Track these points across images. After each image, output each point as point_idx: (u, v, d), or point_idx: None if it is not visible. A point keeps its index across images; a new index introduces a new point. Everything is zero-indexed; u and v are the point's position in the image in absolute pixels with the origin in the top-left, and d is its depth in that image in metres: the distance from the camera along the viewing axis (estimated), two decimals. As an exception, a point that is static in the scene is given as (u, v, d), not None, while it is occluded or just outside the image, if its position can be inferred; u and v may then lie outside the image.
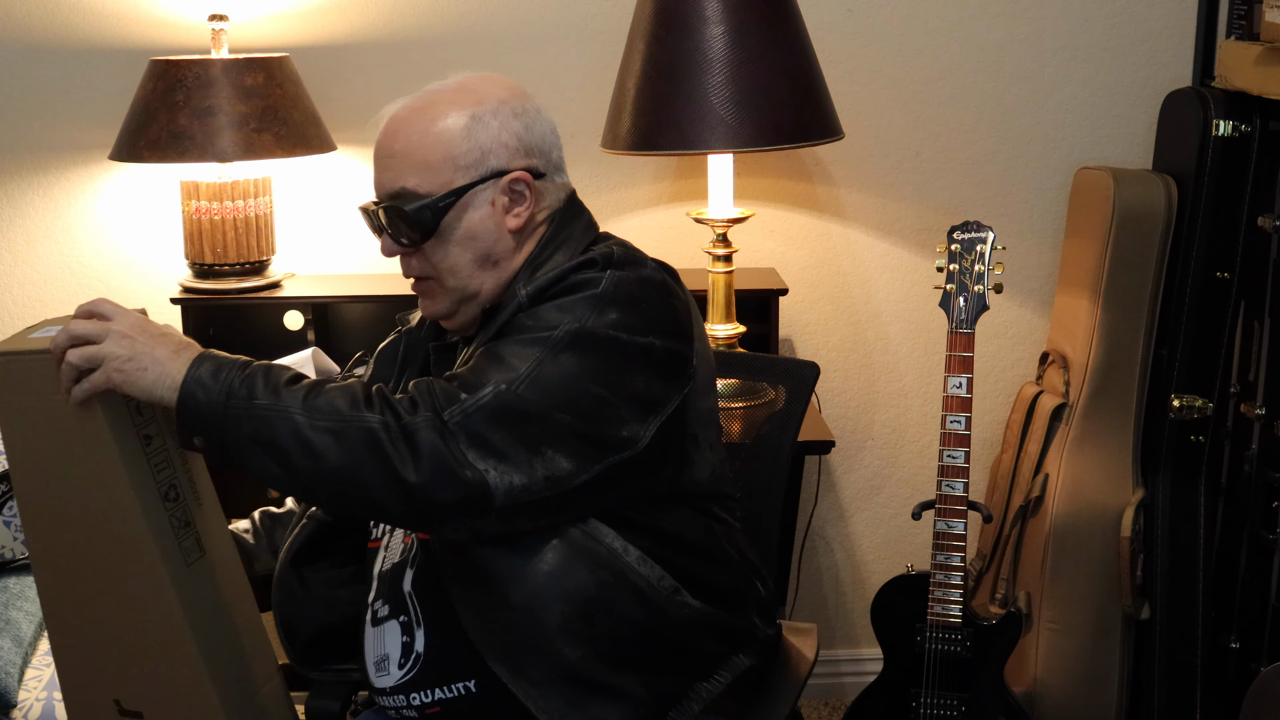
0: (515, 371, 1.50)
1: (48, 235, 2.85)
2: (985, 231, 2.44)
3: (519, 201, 1.65)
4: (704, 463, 1.67)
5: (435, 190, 1.62)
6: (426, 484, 1.45)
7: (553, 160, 1.69)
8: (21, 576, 2.32)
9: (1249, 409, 2.63)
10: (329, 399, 1.47)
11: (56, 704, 2.12)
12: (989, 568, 2.80)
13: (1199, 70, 2.80)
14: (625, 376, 1.54)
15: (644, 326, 1.56)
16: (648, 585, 1.59)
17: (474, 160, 1.63)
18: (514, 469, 1.47)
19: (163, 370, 1.48)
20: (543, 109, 1.70)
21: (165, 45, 2.75)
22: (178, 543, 1.58)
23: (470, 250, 1.64)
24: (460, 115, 1.64)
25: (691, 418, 1.64)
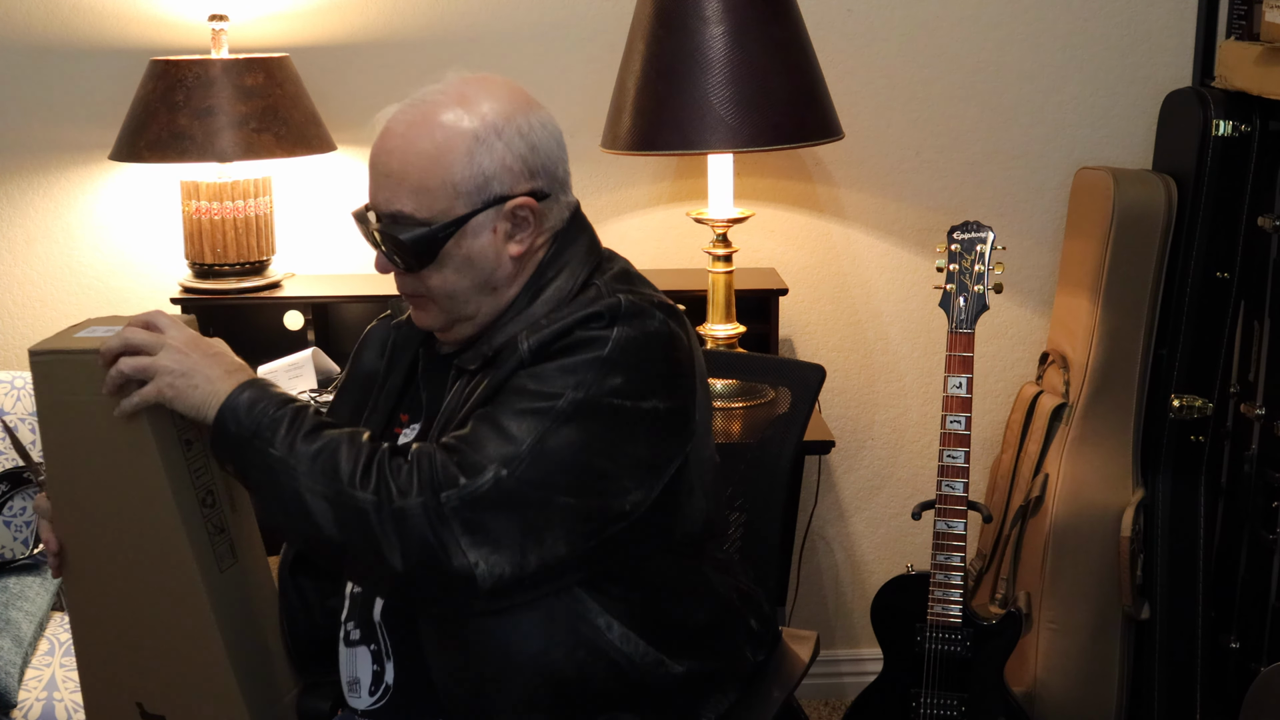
0: (517, 448, 1.44)
1: (48, 235, 2.85)
2: (985, 231, 2.44)
3: (522, 228, 1.57)
4: (696, 511, 1.61)
5: (434, 217, 1.54)
6: (411, 573, 1.43)
7: (558, 177, 1.60)
8: (21, 576, 2.32)
9: (1249, 409, 2.63)
10: (335, 461, 1.45)
11: (56, 704, 2.12)
12: (989, 568, 2.80)
13: (1199, 70, 2.80)
14: (629, 445, 1.49)
15: (648, 389, 1.50)
16: (628, 662, 1.54)
17: (476, 186, 1.54)
18: (506, 559, 1.43)
19: (213, 390, 1.49)
20: (548, 119, 1.60)
21: (165, 45, 2.75)
22: (212, 548, 1.58)
23: (468, 277, 1.57)
24: (462, 137, 1.53)
25: (691, 469, 1.58)
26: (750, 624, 1.72)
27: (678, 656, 1.59)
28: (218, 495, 1.60)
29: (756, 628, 1.73)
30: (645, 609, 1.56)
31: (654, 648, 1.56)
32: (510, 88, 1.60)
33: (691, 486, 1.59)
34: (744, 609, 1.72)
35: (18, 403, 2.43)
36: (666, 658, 1.57)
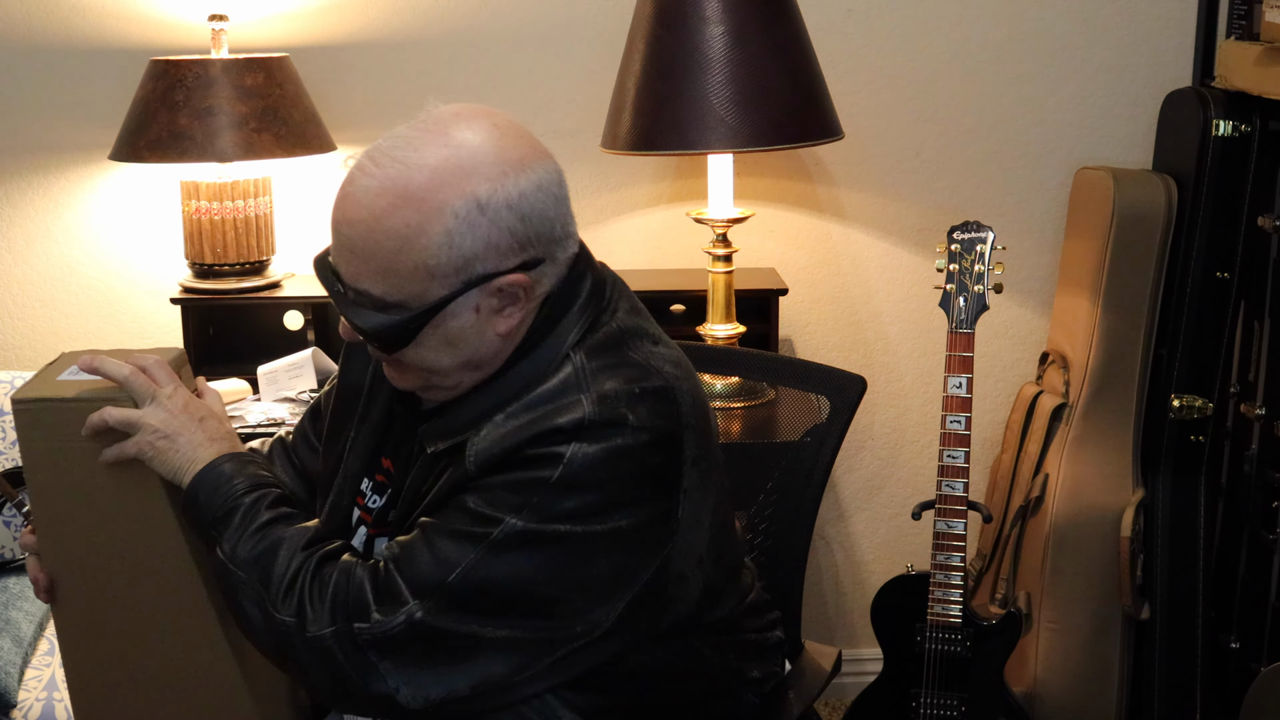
0: (443, 575, 1.32)
1: (48, 235, 2.85)
2: (985, 231, 2.44)
3: (510, 302, 1.37)
4: (690, 594, 1.46)
5: (406, 300, 1.34)
6: (335, 693, 1.40)
7: (554, 238, 1.38)
8: (21, 576, 2.32)
9: (1249, 409, 2.63)
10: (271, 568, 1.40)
11: (56, 704, 2.12)
12: (989, 568, 2.80)
13: (1199, 70, 2.80)
14: (580, 568, 1.34)
15: (610, 508, 1.34)
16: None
17: (455, 269, 1.32)
18: (430, 684, 1.35)
19: (194, 455, 1.46)
20: (543, 174, 1.37)
21: (165, 45, 2.75)
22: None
23: (448, 356, 1.39)
24: (439, 216, 1.30)
25: (675, 564, 1.42)
26: (753, 674, 1.62)
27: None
28: None
29: (760, 673, 1.64)
30: (617, 703, 1.47)
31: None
32: (498, 138, 1.35)
33: (682, 575, 1.43)
34: (743, 665, 1.61)
35: (18, 403, 2.43)
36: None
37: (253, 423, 2.42)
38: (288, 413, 2.47)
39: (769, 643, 1.68)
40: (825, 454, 1.92)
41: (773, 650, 1.69)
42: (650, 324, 1.50)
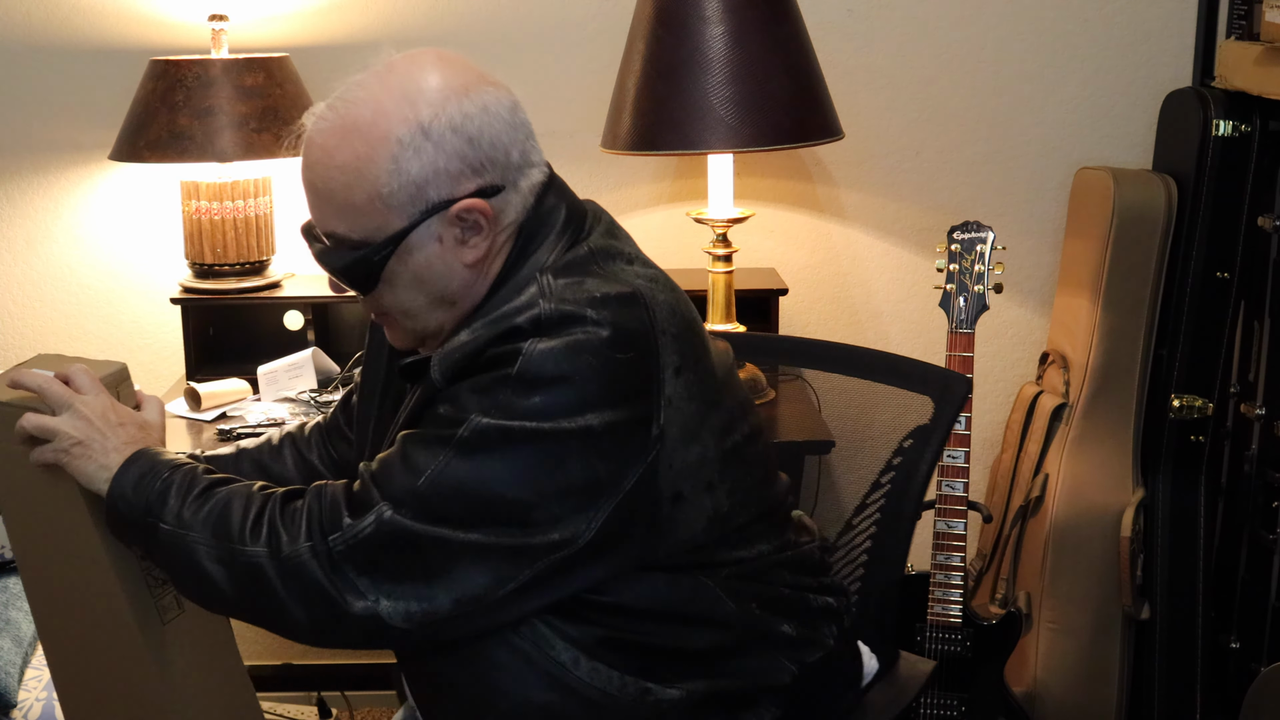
0: (414, 480, 1.32)
1: (48, 235, 2.85)
2: (985, 231, 2.44)
3: (474, 231, 1.39)
4: (693, 519, 1.41)
5: (368, 236, 1.37)
6: (316, 622, 1.36)
7: (512, 163, 1.40)
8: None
9: (1249, 409, 2.63)
10: (227, 519, 1.37)
11: (56, 704, 2.12)
12: (989, 568, 2.80)
13: (1199, 70, 2.80)
14: (554, 471, 1.31)
15: (578, 404, 1.31)
16: (604, 696, 1.40)
17: (408, 197, 1.35)
18: (411, 597, 1.32)
19: (105, 462, 1.43)
20: (491, 98, 1.40)
21: (165, 45, 2.75)
22: (153, 600, 1.55)
23: (422, 293, 1.41)
24: (383, 143, 1.35)
25: (667, 479, 1.37)
26: (785, 631, 1.52)
27: (669, 681, 1.44)
28: None
29: (796, 633, 1.53)
30: (617, 639, 1.42)
31: (633, 676, 1.42)
32: (441, 68, 1.39)
33: (679, 496, 1.39)
34: (770, 618, 1.51)
35: (18, 403, 2.43)
36: (653, 684, 1.43)
37: (253, 423, 2.42)
38: (288, 413, 2.47)
39: (812, 604, 1.56)
40: (929, 456, 1.85)
41: (816, 613, 1.57)
42: (627, 245, 1.48)
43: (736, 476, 1.46)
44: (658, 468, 1.36)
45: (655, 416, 1.35)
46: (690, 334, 1.42)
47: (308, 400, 2.51)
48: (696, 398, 1.39)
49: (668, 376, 1.37)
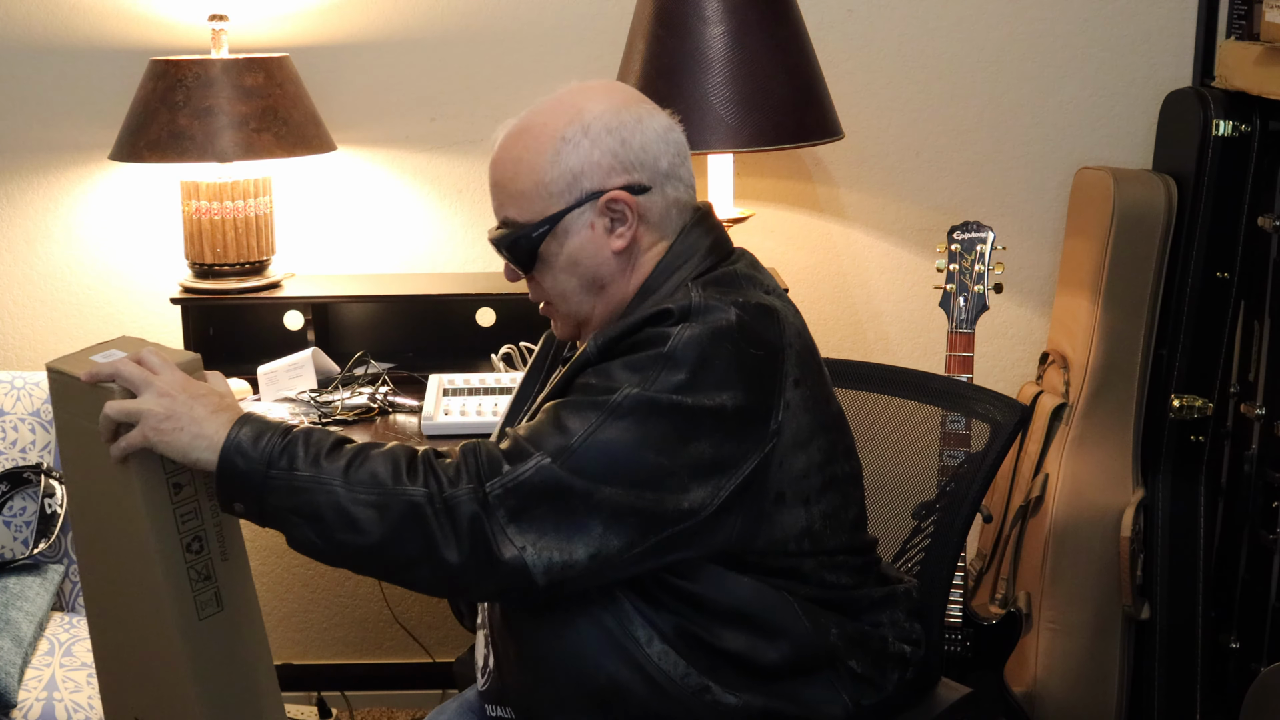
0: (567, 439, 1.44)
1: (48, 235, 2.85)
2: (985, 231, 2.44)
3: (621, 221, 1.57)
4: (788, 524, 1.54)
5: (532, 219, 1.58)
6: (466, 565, 1.42)
7: (660, 169, 1.59)
8: (21, 576, 2.32)
9: (1249, 409, 2.63)
10: (371, 468, 1.44)
11: (56, 704, 2.12)
12: (989, 568, 2.80)
13: (1199, 70, 2.80)
14: (690, 442, 1.45)
15: (714, 385, 1.46)
16: (669, 681, 1.50)
17: (565, 185, 1.56)
18: (553, 547, 1.42)
19: (199, 431, 1.46)
20: (651, 117, 1.61)
21: (165, 45, 2.75)
22: (194, 596, 1.56)
23: (575, 276, 1.59)
24: (549, 140, 1.57)
25: (775, 476, 1.52)
26: (851, 667, 1.59)
27: (731, 688, 1.52)
28: (207, 542, 1.57)
29: (861, 670, 1.60)
30: (691, 633, 1.52)
31: (697, 671, 1.51)
32: (609, 89, 1.63)
33: (781, 496, 1.52)
34: (844, 651, 1.59)
35: (17, 403, 2.43)
36: (714, 684, 1.51)
37: (253, 423, 2.41)
38: (288, 413, 2.47)
39: (888, 648, 1.64)
40: (977, 484, 1.85)
41: (889, 658, 1.64)
42: (766, 278, 1.63)
43: (832, 504, 1.59)
44: (770, 462, 1.51)
45: (774, 413, 1.51)
46: (810, 357, 1.59)
47: (308, 400, 2.51)
48: (810, 412, 1.55)
49: (788, 384, 1.53)
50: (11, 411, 2.43)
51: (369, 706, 3.02)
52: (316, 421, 2.41)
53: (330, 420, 2.43)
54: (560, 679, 1.52)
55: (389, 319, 2.81)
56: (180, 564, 1.55)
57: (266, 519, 1.47)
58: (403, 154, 2.84)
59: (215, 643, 1.59)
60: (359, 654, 3.06)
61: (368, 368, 2.60)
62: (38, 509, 2.36)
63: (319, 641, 3.06)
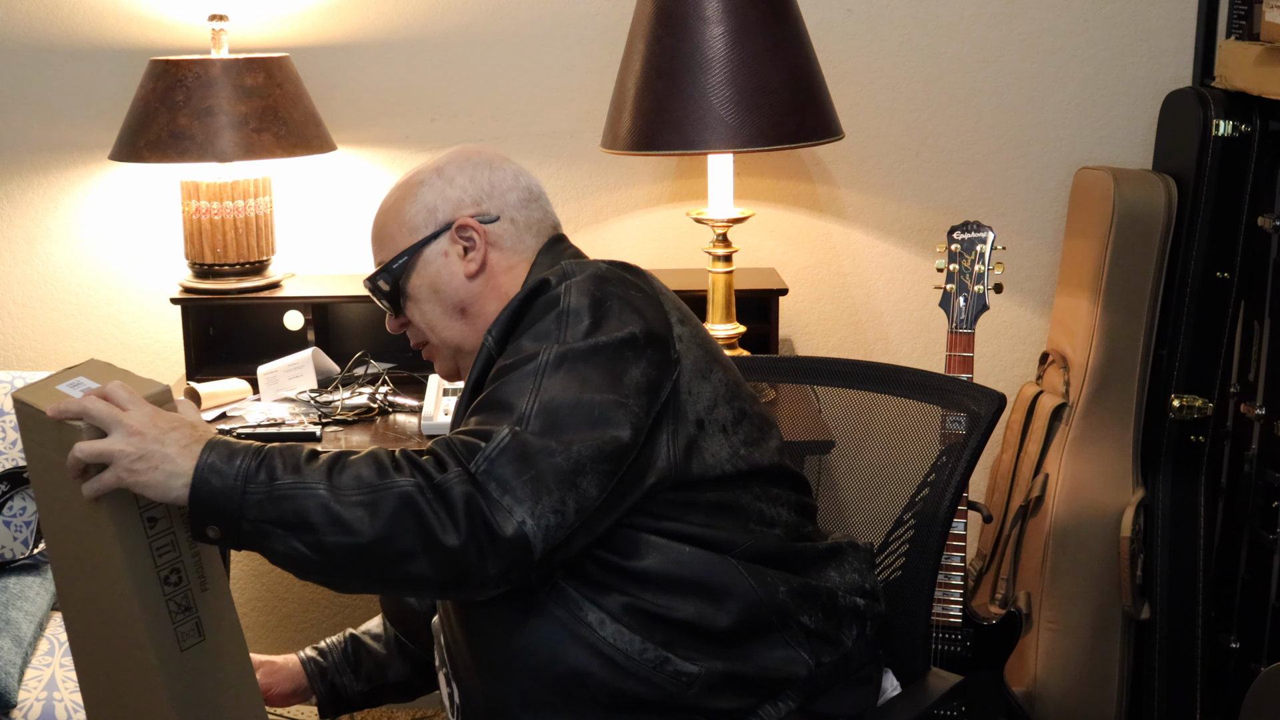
0: (519, 410, 1.47)
1: (48, 235, 2.85)
2: (985, 231, 2.44)
3: (471, 246, 1.70)
4: (717, 449, 1.58)
5: (398, 256, 1.71)
6: (466, 546, 1.41)
7: (509, 202, 1.72)
8: (21, 576, 2.32)
9: (1249, 409, 2.63)
10: (354, 471, 1.43)
11: (56, 704, 2.12)
12: (989, 568, 2.80)
13: (1199, 70, 2.80)
14: (623, 374, 1.52)
15: (617, 319, 1.55)
16: (626, 659, 1.51)
17: (422, 221, 1.71)
18: (548, 508, 1.43)
19: (174, 469, 1.42)
20: (500, 162, 1.75)
21: (165, 45, 2.75)
22: (174, 628, 1.53)
23: (439, 303, 1.70)
24: (411, 187, 1.73)
25: (689, 404, 1.57)
26: (804, 623, 1.60)
27: (689, 658, 1.53)
28: (185, 573, 1.54)
29: (814, 626, 1.61)
30: (640, 608, 1.53)
31: (654, 645, 1.52)
32: (477, 147, 1.79)
33: (701, 422, 1.58)
34: (794, 608, 1.60)
35: (18, 403, 2.43)
36: (672, 655, 1.52)
37: (253, 423, 2.42)
38: (288, 413, 2.47)
39: (840, 602, 1.65)
40: (959, 473, 1.85)
41: (842, 612, 1.65)
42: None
43: (750, 435, 1.63)
44: (680, 386, 1.57)
45: (672, 342, 1.59)
46: (680, 307, 1.66)
47: (308, 400, 2.51)
48: (700, 346, 1.62)
49: (674, 320, 1.61)
50: (11, 411, 2.43)
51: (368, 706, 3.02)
52: (317, 421, 2.41)
53: (330, 420, 2.43)
54: (522, 677, 1.52)
55: (389, 319, 2.80)
56: (159, 597, 1.52)
57: (243, 539, 1.44)
58: (403, 154, 2.84)
59: (198, 673, 1.57)
60: (359, 654, 3.06)
61: (368, 368, 2.60)
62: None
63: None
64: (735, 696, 1.56)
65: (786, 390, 2.45)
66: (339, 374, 2.61)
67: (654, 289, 1.64)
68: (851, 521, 2.12)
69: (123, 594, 1.50)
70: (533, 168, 2.82)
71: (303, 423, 2.40)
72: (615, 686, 1.51)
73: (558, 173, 2.84)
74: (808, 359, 2.13)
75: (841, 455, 2.16)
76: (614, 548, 1.53)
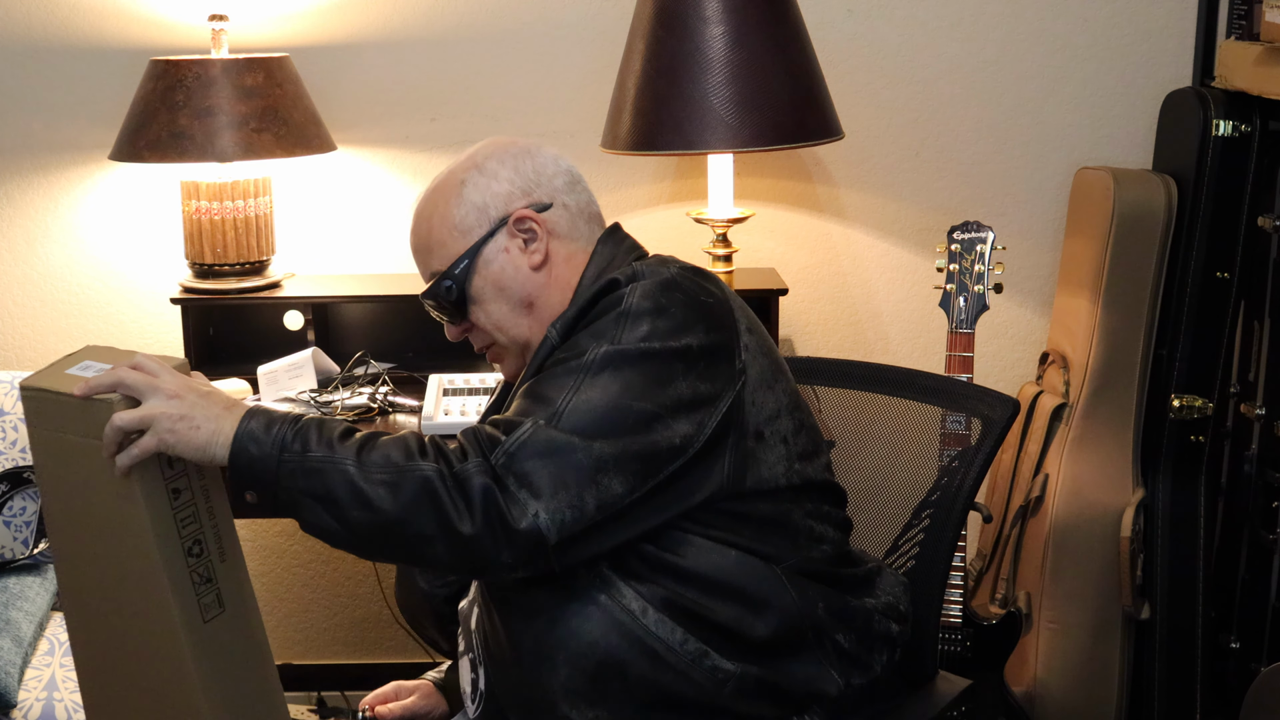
0: (553, 405, 1.49)
1: (48, 235, 2.85)
2: (985, 231, 2.44)
3: (532, 238, 1.67)
4: (773, 461, 1.59)
5: (456, 262, 1.67)
6: (480, 535, 1.43)
7: (557, 186, 1.69)
8: (21, 576, 2.32)
9: (1249, 409, 2.63)
10: (383, 451, 1.46)
11: (56, 704, 2.12)
12: (989, 568, 2.80)
13: (1199, 70, 2.80)
14: (667, 385, 1.51)
15: (677, 329, 1.53)
16: (666, 649, 1.52)
17: (475, 220, 1.66)
18: (564, 503, 1.45)
19: (216, 427, 1.46)
20: (535, 148, 1.71)
21: (165, 45, 2.75)
22: (197, 599, 1.56)
23: (505, 301, 1.67)
24: (452, 189, 1.68)
25: (751, 415, 1.58)
26: (839, 642, 1.62)
27: (732, 652, 1.55)
28: (206, 545, 1.57)
29: (848, 647, 1.63)
30: (681, 603, 1.54)
31: (695, 638, 1.54)
32: (500, 140, 1.73)
33: (761, 435, 1.58)
34: (831, 625, 1.61)
35: (17, 403, 2.43)
36: (713, 651, 1.54)
37: (253, 423, 2.41)
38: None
39: (874, 625, 1.66)
40: (971, 478, 1.86)
41: (875, 636, 1.66)
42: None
43: (806, 446, 1.64)
44: (744, 398, 1.57)
45: (737, 353, 1.58)
46: (749, 315, 1.65)
47: (308, 400, 2.51)
48: (766, 355, 1.62)
49: (742, 329, 1.60)
50: (11, 411, 2.43)
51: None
52: (316, 421, 2.41)
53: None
54: (560, 664, 1.53)
55: (389, 319, 2.81)
56: (184, 569, 1.54)
57: (280, 505, 1.48)
58: (403, 154, 2.84)
59: (220, 644, 1.59)
60: (359, 654, 3.06)
61: (368, 368, 2.60)
62: (38, 509, 2.36)
63: (319, 641, 3.06)
64: (765, 704, 1.58)
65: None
66: (339, 374, 2.61)
67: (725, 295, 1.63)
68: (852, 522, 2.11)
69: (149, 567, 1.51)
70: (533, 168, 2.84)
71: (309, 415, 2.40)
72: (652, 680, 1.53)
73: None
74: (808, 359, 2.14)
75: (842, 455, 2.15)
76: (659, 543, 1.55)
